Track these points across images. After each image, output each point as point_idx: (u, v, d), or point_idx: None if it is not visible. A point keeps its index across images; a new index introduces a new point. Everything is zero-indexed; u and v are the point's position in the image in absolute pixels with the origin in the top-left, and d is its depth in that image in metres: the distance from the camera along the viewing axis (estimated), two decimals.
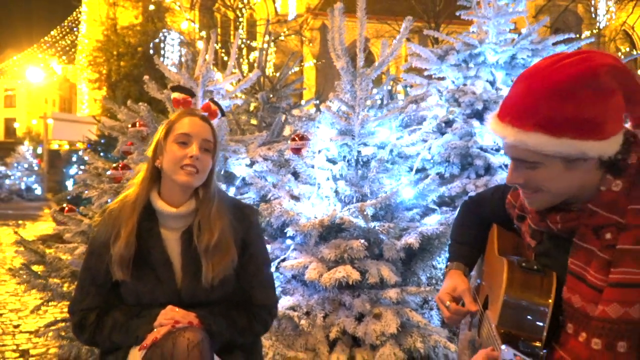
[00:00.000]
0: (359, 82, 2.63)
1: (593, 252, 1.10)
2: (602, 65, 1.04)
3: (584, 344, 1.07)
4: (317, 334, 2.44)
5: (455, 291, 1.40)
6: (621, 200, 1.08)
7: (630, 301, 1.02)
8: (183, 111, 1.70)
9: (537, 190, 1.15)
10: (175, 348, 1.39)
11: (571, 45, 3.23)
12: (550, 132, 1.06)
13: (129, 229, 1.57)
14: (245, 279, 1.68)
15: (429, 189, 2.70)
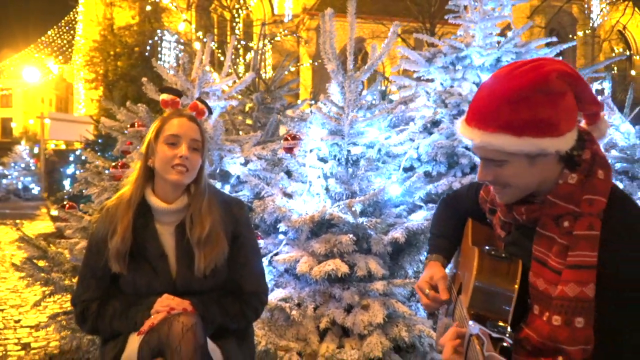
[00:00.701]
0: (348, 85, 2.75)
1: (554, 239, 1.22)
2: (551, 71, 1.17)
3: (546, 321, 1.19)
4: (308, 325, 2.56)
5: (432, 280, 1.52)
6: (576, 191, 1.20)
7: (585, 281, 1.14)
8: (171, 112, 1.80)
9: (505, 186, 1.27)
10: (171, 331, 1.50)
11: (553, 48, 3.36)
12: (512, 133, 1.17)
13: (125, 225, 1.68)
14: (235, 268, 1.80)
15: (416, 187, 2.83)
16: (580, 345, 1.13)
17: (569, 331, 1.14)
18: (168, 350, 1.49)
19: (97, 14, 26.78)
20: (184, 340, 1.48)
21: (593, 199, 1.18)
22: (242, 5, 19.62)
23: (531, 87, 1.17)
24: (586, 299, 1.14)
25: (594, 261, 1.14)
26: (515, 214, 1.31)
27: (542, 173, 1.23)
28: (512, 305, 1.29)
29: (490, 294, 1.32)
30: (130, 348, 1.63)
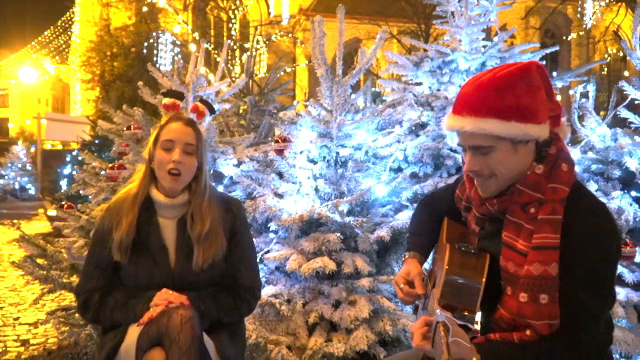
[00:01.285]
0: (336, 89, 2.86)
1: (521, 224, 1.35)
2: (531, 64, 1.34)
3: (514, 298, 1.31)
4: (297, 320, 2.67)
5: (409, 275, 1.63)
6: (542, 181, 1.33)
7: (548, 260, 1.26)
8: (170, 117, 1.92)
9: (491, 176, 1.38)
10: (170, 323, 1.62)
11: (536, 53, 3.48)
12: (500, 117, 1.31)
13: (130, 219, 1.80)
14: (232, 263, 1.91)
15: (402, 187, 2.94)
16: (545, 320, 1.25)
17: (534, 307, 1.26)
18: (167, 340, 1.59)
19: (94, 15, 26.80)
20: (182, 331, 1.59)
21: (556, 187, 1.32)
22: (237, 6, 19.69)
23: (515, 76, 1.32)
24: (549, 276, 1.26)
25: (556, 242, 1.26)
26: (488, 205, 1.42)
27: (521, 161, 1.36)
28: (480, 296, 1.40)
29: (459, 287, 1.43)
30: (129, 338, 1.73)
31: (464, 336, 1.26)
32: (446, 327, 1.29)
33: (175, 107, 1.93)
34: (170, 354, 1.59)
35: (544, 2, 24.37)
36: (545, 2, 24.52)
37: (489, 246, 1.47)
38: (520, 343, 1.28)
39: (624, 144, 2.59)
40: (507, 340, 1.30)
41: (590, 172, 2.75)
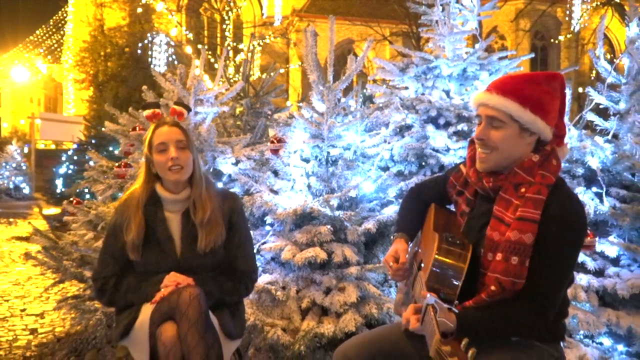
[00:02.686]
0: (327, 94, 3.11)
1: (511, 201, 1.62)
2: (560, 76, 1.65)
3: (492, 259, 1.59)
4: (291, 305, 2.91)
5: (396, 253, 1.88)
6: (535, 167, 1.61)
7: (525, 230, 1.53)
8: (154, 125, 2.14)
9: (493, 149, 1.65)
10: (180, 299, 1.86)
11: (513, 60, 3.74)
12: (520, 102, 1.60)
13: (138, 221, 2.04)
14: (231, 250, 2.16)
15: (387, 184, 3.19)
16: (511, 277, 1.52)
17: (505, 265, 1.54)
18: (178, 314, 1.84)
19: (88, 15, 26.85)
20: (191, 306, 1.83)
21: (545, 174, 1.60)
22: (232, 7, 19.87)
23: (543, 77, 1.65)
24: (523, 243, 1.53)
25: (535, 217, 1.53)
26: (484, 181, 1.69)
27: (522, 147, 1.64)
28: (461, 281, 1.65)
29: (445, 272, 1.66)
30: (142, 316, 1.98)
31: (449, 316, 1.51)
32: (434, 309, 1.53)
33: (156, 115, 2.15)
34: (181, 325, 1.83)
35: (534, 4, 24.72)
36: (535, 5, 24.87)
37: (476, 225, 1.74)
38: (491, 304, 1.54)
39: (586, 145, 2.86)
40: (479, 303, 1.56)
41: None
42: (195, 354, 1.79)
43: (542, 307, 1.55)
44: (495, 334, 1.57)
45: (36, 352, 3.47)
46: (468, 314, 1.56)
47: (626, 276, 2.65)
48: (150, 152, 2.07)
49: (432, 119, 3.65)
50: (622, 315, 2.60)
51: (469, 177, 1.77)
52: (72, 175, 11.98)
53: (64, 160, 13.98)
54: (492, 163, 1.66)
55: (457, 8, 3.97)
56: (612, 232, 2.80)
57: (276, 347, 2.73)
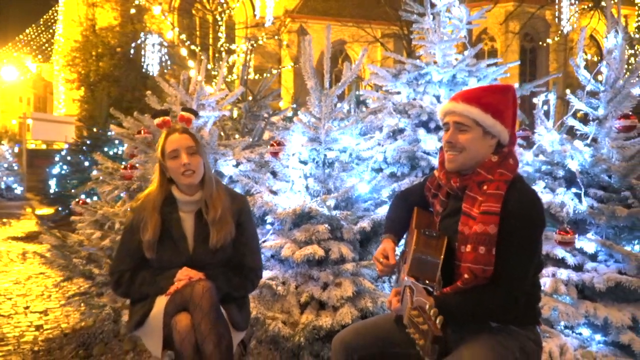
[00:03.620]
0: (324, 100, 3.28)
1: (476, 197, 1.82)
2: (512, 87, 1.91)
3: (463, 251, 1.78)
4: (290, 299, 3.08)
5: (385, 251, 2.07)
6: (494, 167, 1.83)
7: (489, 222, 1.73)
8: (165, 132, 2.31)
9: (461, 151, 1.86)
10: (194, 291, 2.03)
11: (499, 68, 3.94)
12: (482, 109, 1.83)
13: (154, 222, 2.20)
14: (238, 247, 2.33)
15: (381, 185, 3.38)
16: (480, 265, 1.72)
17: (474, 255, 1.73)
18: (191, 305, 2.00)
19: (80, 15, 26.79)
20: (204, 297, 2.00)
21: (503, 172, 1.81)
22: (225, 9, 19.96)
23: (501, 88, 1.92)
24: (488, 234, 1.73)
25: (497, 210, 1.74)
26: (452, 181, 1.90)
27: (484, 149, 1.86)
28: (439, 269, 1.84)
29: (423, 262, 1.86)
30: (157, 307, 2.14)
31: (425, 296, 1.71)
32: (411, 289, 1.74)
33: (166, 123, 2.32)
34: (195, 315, 2.00)
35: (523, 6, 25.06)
36: (524, 7, 25.22)
37: (449, 222, 1.93)
38: (465, 289, 1.72)
39: (566, 149, 3.05)
40: (455, 289, 1.75)
41: (540, 172, 3.22)
42: (209, 341, 1.96)
43: (510, 290, 1.74)
44: (470, 317, 1.77)
45: (44, 346, 3.60)
46: (445, 298, 1.75)
47: (603, 271, 2.85)
48: (163, 158, 2.23)
49: (424, 123, 3.83)
50: (600, 307, 2.79)
51: (440, 179, 1.98)
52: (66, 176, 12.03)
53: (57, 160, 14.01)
54: (459, 163, 1.88)
55: (447, 17, 4.15)
56: (590, 230, 3.00)
57: (277, 339, 2.90)
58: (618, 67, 3.11)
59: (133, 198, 3.33)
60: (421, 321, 1.52)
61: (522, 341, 1.81)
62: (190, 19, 29.30)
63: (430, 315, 1.51)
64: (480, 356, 1.73)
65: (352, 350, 1.97)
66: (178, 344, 1.98)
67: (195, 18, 29.25)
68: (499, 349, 1.76)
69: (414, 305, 1.66)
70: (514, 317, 1.80)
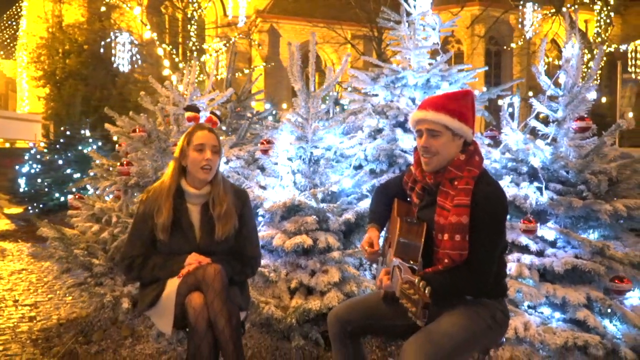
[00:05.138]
0: (312, 102, 3.55)
1: (448, 192, 2.11)
2: (472, 92, 2.19)
3: (442, 239, 2.06)
4: (281, 286, 3.34)
5: (370, 240, 2.34)
6: (463, 164, 2.11)
7: (461, 213, 2.01)
8: (196, 126, 2.56)
9: (435, 154, 2.13)
10: (206, 273, 2.26)
11: (469, 73, 4.28)
12: (449, 114, 2.10)
13: (168, 207, 2.42)
14: (240, 238, 2.57)
15: (363, 180, 3.66)
16: (457, 250, 2.00)
17: (451, 243, 2.02)
18: (204, 285, 2.24)
19: (46, 11, 26.24)
20: (216, 278, 2.24)
21: (471, 169, 2.11)
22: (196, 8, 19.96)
23: (462, 94, 2.17)
24: (461, 224, 2.01)
25: (467, 202, 2.03)
26: (427, 179, 2.18)
27: (453, 150, 2.13)
28: (420, 251, 2.12)
29: (406, 245, 2.14)
30: (168, 288, 2.36)
31: (411, 274, 1.99)
32: (399, 268, 2.01)
33: (197, 118, 2.55)
34: (208, 294, 2.24)
35: (488, 11, 25.88)
36: (489, 11, 26.04)
37: (426, 213, 2.21)
38: (444, 270, 2.01)
39: (529, 147, 3.41)
40: (436, 271, 2.04)
41: (507, 168, 3.56)
42: (221, 317, 2.20)
43: (481, 268, 2.04)
44: (449, 291, 2.05)
45: (41, 335, 3.75)
46: (427, 276, 2.04)
47: (561, 256, 3.20)
48: (187, 147, 2.44)
49: (400, 123, 4.14)
50: (558, 288, 3.15)
51: (416, 176, 2.27)
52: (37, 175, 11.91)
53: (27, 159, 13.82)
54: (434, 165, 2.16)
55: (422, 25, 4.47)
56: (550, 220, 3.35)
57: (270, 321, 3.15)
58: (575, 74, 3.48)
59: (128, 194, 3.54)
60: (412, 292, 1.79)
61: (492, 311, 2.12)
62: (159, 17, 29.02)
63: (419, 287, 1.79)
64: (458, 322, 2.03)
65: (345, 323, 2.24)
66: (193, 320, 2.21)
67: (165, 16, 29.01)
68: (474, 317, 2.06)
69: (404, 280, 1.94)
70: (485, 291, 2.10)
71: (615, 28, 24.33)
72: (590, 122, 3.40)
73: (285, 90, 27.15)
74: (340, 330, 2.24)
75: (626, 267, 3.12)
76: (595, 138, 3.50)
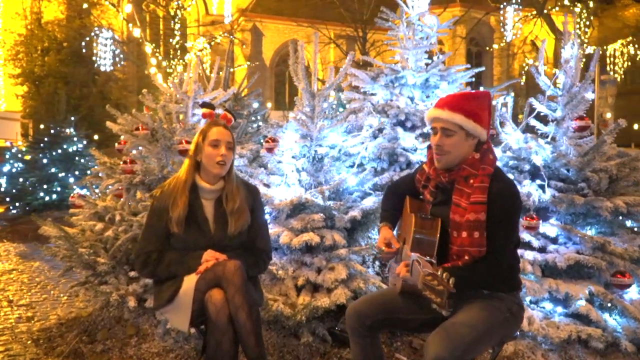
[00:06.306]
0: (318, 100, 3.58)
1: (464, 190, 2.16)
2: (488, 92, 2.23)
3: (459, 237, 2.11)
4: (288, 283, 3.36)
5: (386, 239, 2.38)
6: (477, 163, 2.16)
7: (479, 211, 2.07)
8: (211, 122, 2.56)
9: (446, 153, 2.18)
10: (226, 269, 2.27)
11: (467, 72, 4.36)
12: (465, 115, 2.14)
13: (184, 200, 2.42)
14: (252, 232, 2.58)
15: (367, 179, 3.70)
16: (476, 247, 2.06)
17: (470, 240, 2.07)
18: (224, 281, 2.25)
19: (24, 7, 25.72)
20: (236, 274, 2.25)
21: (486, 167, 2.16)
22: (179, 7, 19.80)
23: (479, 94, 2.22)
24: (479, 220, 2.07)
25: (484, 200, 2.08)
26: (441, 177, 2.23)
27: (466, 149, 2.18)
28: (435, 246, 2.17)
29: (422, 241, 2.19)
30: (186, 285, 2.36)
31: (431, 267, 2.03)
32: (418, 262, 2.05)
33: (212, 115, 2.56)
34: (228, 290, 2.25)
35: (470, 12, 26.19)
36: (471, 13, 26.36)
37: (440, 210, 2.26)
38: (463, 265, 2.06)
39: (531, 145, 3.49)
40: (455, 265, 2.09)
41: (508, 167, 3.64)
42: (242, 311, 2.21)
43: (496, 261, 2.11)
44: (468, 284, 2.10)
45: (42, 335, 3.70)
46: (447, 269, 2.09)
47: (563, 252, 3.29)
48: (202, 142, 2.45)
49: (401, 122, 4.19)
50: (561, 283, 3.23)
51: (430, 174, 2.32)
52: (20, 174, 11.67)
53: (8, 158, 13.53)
54: (445, 162, 2.20)
55: (420, 25, 4.53)
56: (552, 217, 3.44)
57: (280, 318, 3.17)
58: (573, 74, 3.57)
59: (130, 192, 3.52)
60: (435, 284, 1.83)
61: (508, 304, 2.17)
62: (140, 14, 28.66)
63: (442, 278, 1.83)
64: (477, 315, 2.08)
65: (364, 317, 2.27)
66: (214, 316, 2.22)
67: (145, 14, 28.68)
68: (492, 309, 2.12)
69: (426, 272, 1.97)
70: (501, 283, 2.16)
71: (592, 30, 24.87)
72: (590, 122, 3.50)
73: (269, 89, 27.08)
74: (359, 324, 2.28)
75: (626, 262, 3.22)
76: (592, 137, 3.60)
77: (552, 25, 19.91)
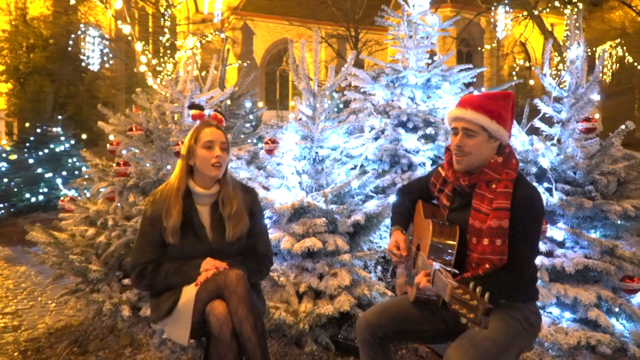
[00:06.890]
0: (319, 100, 3.46)
1: (485, 195, 2.06)
2: (512, 93, 2.12)
3: (480, 244, 2.01)
4: (289, 290, 3.24)
5: (397, 243, 2.28)
6: (500, 167, 2.07)
7: (502, 217, 1.97)
8: (202, 123, 2.44)
9: (467, 154, 2.08)
10: (228, 279, 2.14)
11: (470, 73, 4.27)
12: (489, 115, 2.04)
13: (178, 209, 2.29)
14: (252, 236, 2.47)
15: (369, 181, 3.59)
16: (498, 255, 1.96)
17: (492, 247, 1.98)
18: (227, 292, 2.12)
19: (9, 3, 25.26)
20: (239, 284, 2.13)
21: (509, 172, 2.06)
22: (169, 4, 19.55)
23: (502, 95, 2.10)
24: (502, 228, 1.97)
25: (507, 206, 1.99)
26: (460, 180, 2.13)
27: (489, 151, 2.08)
28: (454, 253, 2.07)
29: (440, 247, 2.09)
30: (186, 296, 2.23)
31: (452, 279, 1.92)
32: (441, 272, 1.94)
33: (202, 116, 2.45)
34: (231, 301, 2.12)
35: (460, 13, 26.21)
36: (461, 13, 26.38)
37: (458, 216, 2.16)
38: (489, 276, 1.96)
39: (538, 147, 3.40)
40: (474, 275, 1.99)
41: None
42: (246, 323, 2.09)
43: (520, 271, 2.02)
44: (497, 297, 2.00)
45: (30, 346, 3.54)
46: (467, 279, 1.98)
47: (571, 256, 3.21)
48: (195, 145, 2.32)
49: (402, 123, 4.09)
50: (569, 287, 3.15)
51: (448, 177, 2.22)
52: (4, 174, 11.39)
53: None
54: (465, 164, 2.11)
55: (421, 24, 4.44)
56: (559, 220, 3.36)
57: (282, 327, 3.05)
58: (579, 75, 3.50)
59: (123, 196, 3.38)
60: (468, 298, 1.72)
61: (526, 314, 2.08)
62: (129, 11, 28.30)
63: (476, 292, 1.72)
64: (497, 327, 1.98)
65: (376, 328, 2.17)
66: (217, 330, 2.09)
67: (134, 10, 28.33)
68: (510, 320, 2.03)
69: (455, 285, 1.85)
70: (521, 294, 2.07)
71: None
72: (597, 123, 3.42)
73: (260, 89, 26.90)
74: (371, 335, 2.17)
75: (635, 266, 3.15)
76: (597, 139, 3.53)
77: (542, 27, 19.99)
